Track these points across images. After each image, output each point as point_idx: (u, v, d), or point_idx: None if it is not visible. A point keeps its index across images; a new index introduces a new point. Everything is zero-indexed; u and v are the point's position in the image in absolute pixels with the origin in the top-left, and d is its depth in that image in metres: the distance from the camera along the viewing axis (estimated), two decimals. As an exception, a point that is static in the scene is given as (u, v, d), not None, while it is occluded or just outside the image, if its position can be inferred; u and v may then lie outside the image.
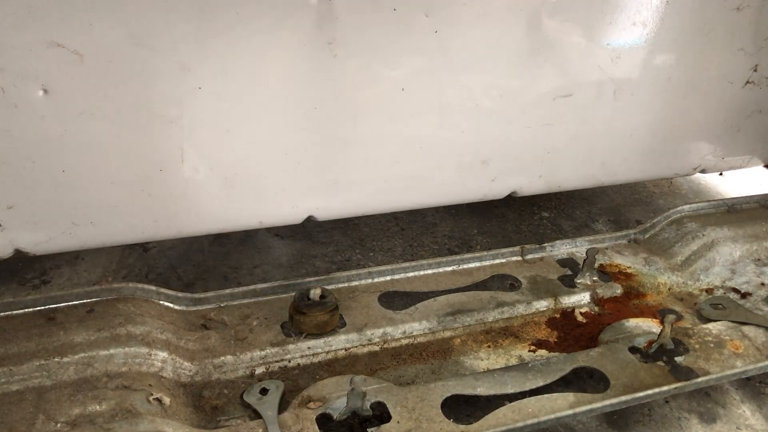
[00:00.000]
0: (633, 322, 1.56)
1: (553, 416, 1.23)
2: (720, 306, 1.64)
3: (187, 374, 1.34)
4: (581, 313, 1.64)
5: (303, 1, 1.39)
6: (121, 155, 1.41)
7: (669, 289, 1.74)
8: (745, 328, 1.54)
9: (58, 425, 1.13)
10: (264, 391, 1.28)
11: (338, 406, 1.24)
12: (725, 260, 1.79)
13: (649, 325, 1.55)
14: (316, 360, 1.44)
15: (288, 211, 1.64)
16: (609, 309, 1.65)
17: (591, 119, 1.83)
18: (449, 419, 1.24)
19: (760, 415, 1.50)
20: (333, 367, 1.43)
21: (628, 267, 1.79)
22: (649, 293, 1.71)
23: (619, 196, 2.59)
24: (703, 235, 1.83)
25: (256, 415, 1.23)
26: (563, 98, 1.76)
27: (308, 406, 1.22)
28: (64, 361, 1.26)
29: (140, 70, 1.34)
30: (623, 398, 1.29)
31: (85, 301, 1.42)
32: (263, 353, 1.40)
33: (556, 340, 1.55)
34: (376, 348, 1.49)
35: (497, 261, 1.79)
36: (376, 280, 1.66)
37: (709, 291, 1.74)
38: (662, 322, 1.44)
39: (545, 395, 1.31)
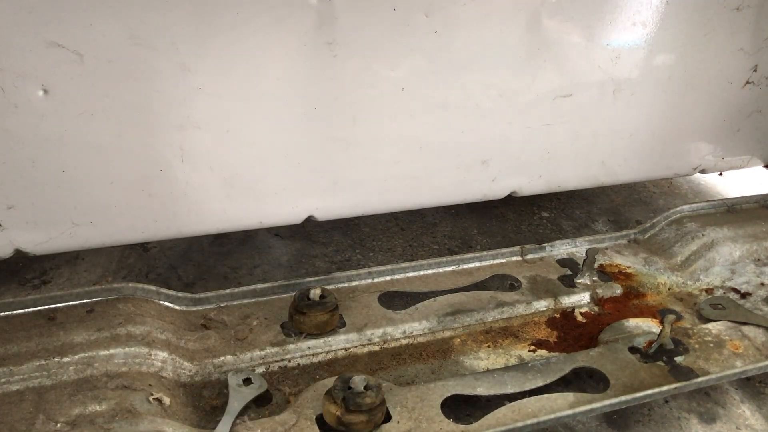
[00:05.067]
0: (633, 322, 1.56)
1: (552, 416, 1.23)
2: (720, 306, 1.64)
3: (187, 374, 1.34)
4: (581, 313, 1.64)
5: (303, 1, 1.39)
6: (121, 155, 1.41)
7: (669, 289, 1.74)
8: (745, 328, 1.54)
9: (58, 425, 1.13)
10: (247, 382, 1.29)
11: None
12: (725, 260, 1.79)
13: (649, 325, 1.55)
14: (316, 360, 1.44)
15: (288, 211, 1.64)
16: (609, 309, 1.65)
17: (591, 119, 1.83)
18: (449, 419, 1.24)
19: (759, 415, 1.50)
20: (333, 367, 1.43)
21: (627, 267, 1.79)
22: (649, 293, 1.72)
23: (619, 196, 2.59)
24: (702, 235, 1.83)
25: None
26: (563, 98, 1.76)
27: None
28: (64, 361, 1.26)
29: (140, 70, 1.34)
30: (623, 398, 1.29)
31: (85, 301, 1.42)
32: (263, 353, 1.40)
33: (555, 340, 1.55)
34: (376, 348, 1.49)
35: (497, 261, 1.79)
36: (376, 280, 1.66)
37: (708, 291, 1.74)
38: (662, 322, 1.44)
39: (545, 395, 1.32)
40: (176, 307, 1.49)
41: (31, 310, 1.39)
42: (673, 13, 1.74)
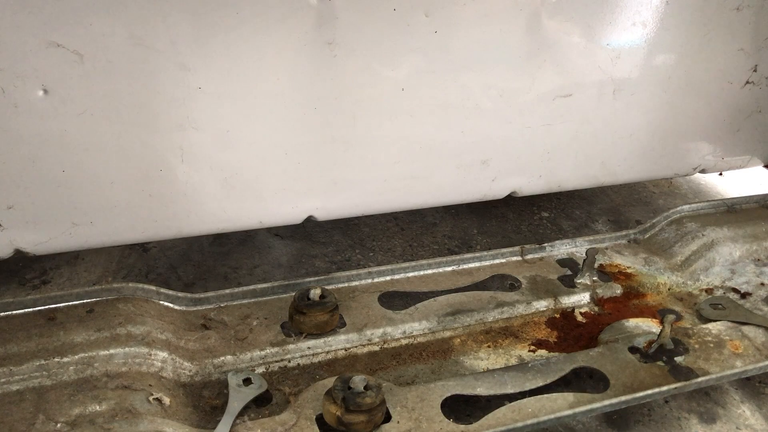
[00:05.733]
0: (633, 322, 1.56)
1: (552, 416, 1.23)
2: (720, 306, 1.64)
3: (187, 374, 1.34)
4: (581, 313, 1.64)
5: (303, 1, 1.39)
6: (121, 155, 1.41)
7: (669, 289, 1.74)
8: (745, 328, 1.54)
9: (58, 425, 1.13)
10: (247, 382, 1.29)
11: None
12: (725, 260, 1.79)
13: (649, 325, 1.55)
14: (316, 360, 1.44)
15: (288, 211, 1.64)
16: (609, 309, 1.65)
17: (591, 119, 1.83)
18: (449, 419, 1.24)
19: (759, 415, 1.50)
20: (333, 367, 1.43)
21: (627, 267, 1.79)
22: (649, 293, 1.72)
23: (619, 196, 2.59)
24: (702, 235, 1.83)
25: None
26: (563, 98, 1.76)
27: None
28: (64, 361, 1.26)
29: (140, 70, 1.34)
30: (623, 398, 1.29)
31: (85, 301, 1.42)
32: (263, 353, 1.40)
33: (555, 340, 1.55)
34: (376, 348, 1.49)
35: (497, 261, 1.79)
36: (376, 280, 1.66)
37: (708, 291, 1.74)
38: (662, 322, 1.44)
39: (545, 395, 1.31)
40: (176, 307, 1.49)
41: (31, 310, 1.39)
42: (673, 13, 1.74)
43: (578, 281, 1.71)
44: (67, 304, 1.41)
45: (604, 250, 1.86)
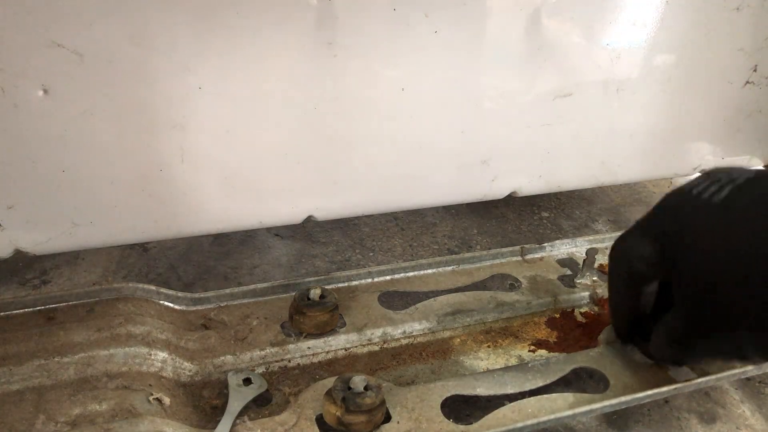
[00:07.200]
0: (633, 322, 1.56)
1: (552, 416, 1.23)
2: (720, 306, 1.64)
3: (187, 374, 1.34)
4: (581, 313, 1.64)
5: (303, 1, 1.39)
6: (121, 155, 1.41)
7: (669, 289, 1.74)
8: (745, 328, 1.53)
9: (58, 425, 1.13)
10: (247, 382, 1.29)
11: (338, 406, 1.23)
12: (725, 260, 1.79)
13: (649, 325, 1.55)
14: (316, 360, 1.44)
15: (288, 211, 1.64)
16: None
17: (591, 119, 1.83)
18: (449, 419, 1.24)
19: (759, 415, 1.50)
20: (333, 367, 1.43)
21: (627, 267, 1.79)
22: (649, 293, 1.71)
23: (619, 196, 2.59)
24: (702, 235, 1.83)
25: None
26: (563, 98, 1.76)
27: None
28: (64, 361, 1.26)
29: (140, 70, 1.34)
30: (623, 399, 1.29)
31: (85, 301, 1.42)
32: (263, 353, 1.40)
33: (555, 340, 1.55)
34: (376, 348, 1.49)
35: (497, 261, 1.79)
36: (376, 280, 1.66)
37: (708, 291, 1.73)
38: (662, 322, 1.43)
39: (545, 395, 1.31)
40: (176, 307, 1.49)
41: (31, 310, 1.39)
42: (673, 13, 1.74)
43: (578, 281, 1.71)
44: (67, 304, 1.41)
45: (604, 250, 1.86)
